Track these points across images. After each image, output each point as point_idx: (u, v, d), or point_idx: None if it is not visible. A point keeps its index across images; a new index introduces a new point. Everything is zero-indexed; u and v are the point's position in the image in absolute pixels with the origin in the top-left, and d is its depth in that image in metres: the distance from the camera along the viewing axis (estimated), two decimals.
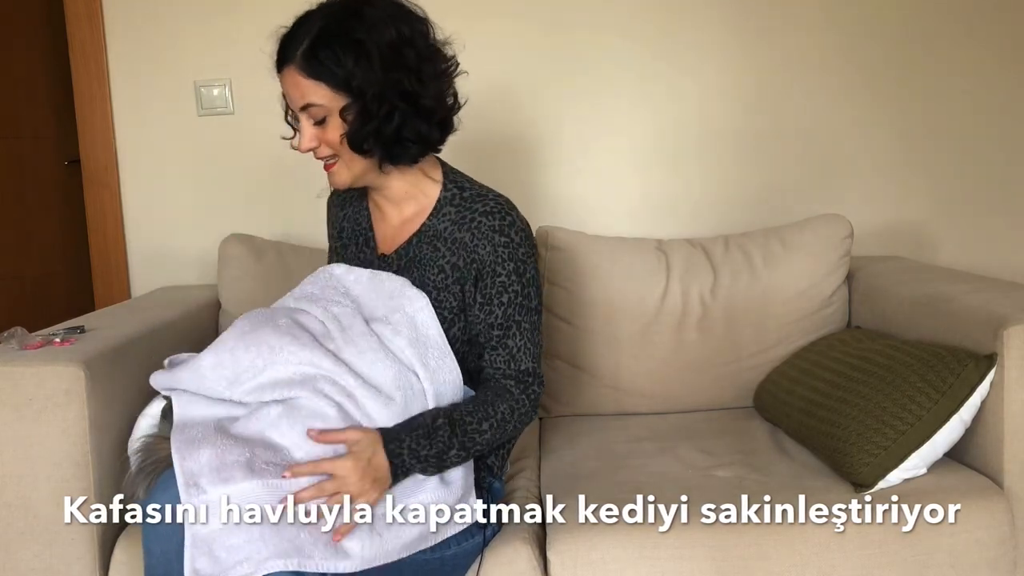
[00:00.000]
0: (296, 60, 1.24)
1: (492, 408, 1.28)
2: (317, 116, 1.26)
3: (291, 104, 1.29)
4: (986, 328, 1.44)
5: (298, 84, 1.25)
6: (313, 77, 1.24)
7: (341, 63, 1.23)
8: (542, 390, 1.34)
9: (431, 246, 1.34)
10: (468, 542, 1.30)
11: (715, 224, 2.20)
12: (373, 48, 1.23)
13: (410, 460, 1.21)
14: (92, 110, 2.22)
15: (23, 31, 2.88)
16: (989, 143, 2.25)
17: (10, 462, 1.36)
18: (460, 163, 1.44)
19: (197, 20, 2.18)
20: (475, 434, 1.25)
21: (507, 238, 1.30)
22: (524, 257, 1.31)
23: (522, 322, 1.31)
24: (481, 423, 1.26)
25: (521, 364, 1.31)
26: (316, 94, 1.24)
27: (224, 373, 1.24)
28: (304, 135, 1.28)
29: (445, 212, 1.34)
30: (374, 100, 1.24)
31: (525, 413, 1.31)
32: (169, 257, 2.25)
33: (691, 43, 2.20)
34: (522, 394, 1.31)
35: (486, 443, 1.27)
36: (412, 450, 1.21)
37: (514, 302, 1.30)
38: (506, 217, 1.31)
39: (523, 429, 1.35)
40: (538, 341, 1.34)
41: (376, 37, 1.24)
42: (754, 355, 1.90)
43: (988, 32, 2.22)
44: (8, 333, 1.46)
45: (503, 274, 1.30)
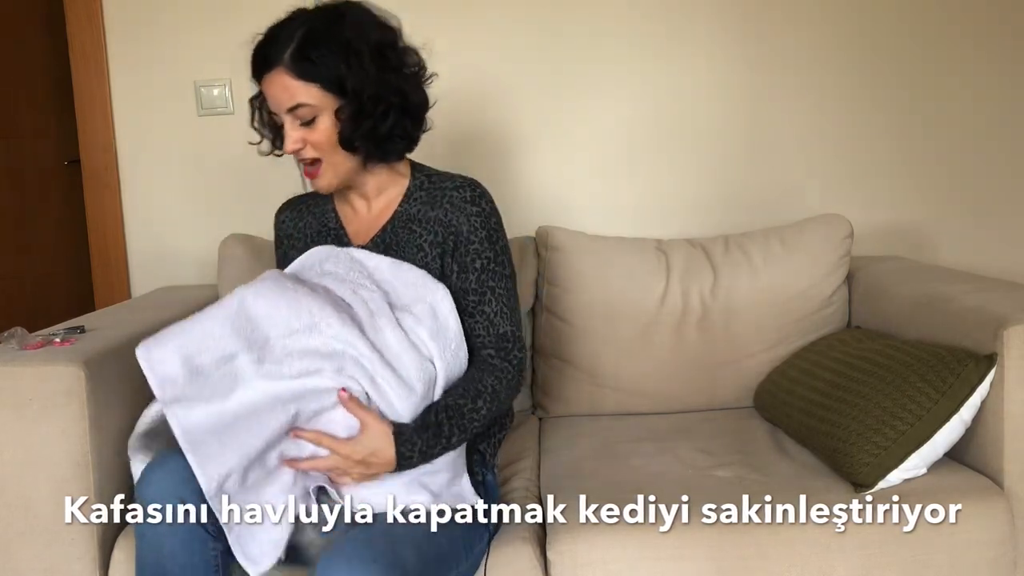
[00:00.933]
0: (284, 62, 1.25)
1: (481, 384, 1.29)
2: (305, 117, 1.27)
3: (276, 106, 1.29)
4: (986, 328, 1.45)
5: (287, 86, 1.26)
6: (304, 78, 1.25)
7: (333, 64, 1.25)
8: (524, 354, 1.36)
9: (407, 229, 1.36)
10: (480, 543, 1.31)
11: (715, 224, 2.20)
12: (362, 48, 1.27)
13: (419, 460, 1.23)
14: (92, 110, 2.22)
15: (23, 31, 2.88)
16: (989, 143, 2.25)
17: (10, 462, 1.36)
18: (458, 163, 1.45)
19: (197, 20, 2.18)
20: (472, 413, 1.27)
21: (479, 207, 1.34)
22: (496, 226, 1.36)
23: (496, 287, 1.34)
24: (475, 401, 1.27)
25: (499, 328, 1.34)
26: (307, 95, 1.26)
27: (276, 321, 1.21)
28: (289, 137, 1.29)
29: (416, 197, 1.38)
30: (370, 100, 1.27)
31: (512, 379, 1.33)
32: (169, 257, 2.25)
33: (691, 42, 2.20)
34: (504, 362, 1.33)
35: (483, 418, 1.29)
36: (422, 452, 1.23)
37: (487, 268, 1.34)
38: (476, 189, 1.36)
39: (515, 395, 1.38)
40: (515, 306, 1.37)
41: (363, 38, 1.28)
42: (754, 355, 1.90)
43: (988, 32, 2.22)
44: (8, 333, 1.46)
45: (476, 241, 1.34)
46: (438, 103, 1.40)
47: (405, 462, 1.21)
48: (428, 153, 1.46)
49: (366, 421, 1.20)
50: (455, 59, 2.17)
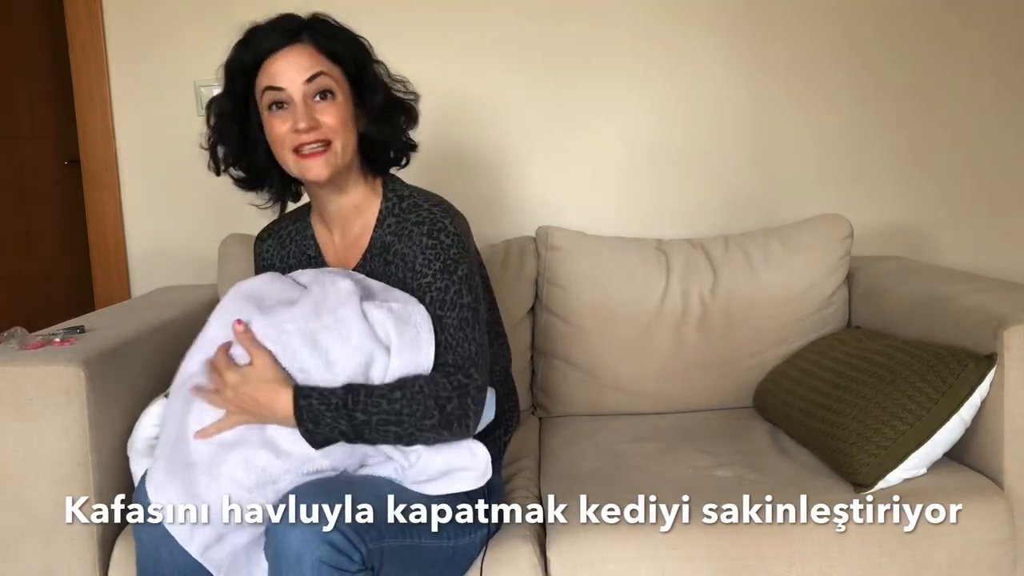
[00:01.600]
0: (305, 39, 1.26)
1: (408, 381, 1.21)
2: (326, 86, 1.26)
3: (290, 80, 1.25)
4: (986, 328, 1.44)
5: (312, 55, 1.25)
6: (330, 53, 1.26)
7: (352, 52, 1.27)
8: (470, 382, 1.22)
9: (382, 259, 1.32)
10: (479, 533, 1.31)
11: (715, 224, 2.20)
12: (366, 59, 1.30)
13: (318, 405, 1.17)
14: (92, 110, 2.22)
15: (23, 31, 2.88)
16: (990, 143, 2.25)
17: (10, 462, 1.36)
18: (460, 163, 1.44)
19: (197, 20, 2.18)
20: (381, 399, 1.18)
21: (435, 240, 1.27)
22: (456, 257, 1.27)
23: (444, 317, 1.25)
24: (393, 391, 1.18)
25: (443, 357, 1.23)
26: (331, 70, 1.26)
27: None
28: (302, 111, 1.25)
29: (388, 224, 1.33)
30: (379, 105, 1.30)
31: (446, 395, 1.20)
32: (169, 257, 2.25)
33: (692, 44, 2.20)
34: (443, 377, 1.21)
35: (399, 413, 1.18)
36: (322, 395, 1.17)
37: (437, 299, 1.25)
38: (436, 223, 1.28)
39: (456, 422, 1.21)
40: (471, 337, 1.25)
41: (365, 50, 1.31)
42: (754, 355, 1.90)
43: (989, 32, 2.22)
44: (8, 333, 1.46)
45: (428, 275, 1.26)
46: (438, 103, 1.40)
47: (303, 400, 1.17)
48: (428, 153, 1.46)
49: (254, 354, 1.20)
50: (457, 58, 2.18)
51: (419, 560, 1.22)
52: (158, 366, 1.62)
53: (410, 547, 1.20)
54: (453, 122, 2.17)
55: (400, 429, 1.18)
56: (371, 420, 1.17)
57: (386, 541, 1.16)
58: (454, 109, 2.17)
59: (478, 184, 2.19)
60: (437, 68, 2.14)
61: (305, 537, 1.08)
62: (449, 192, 1.40)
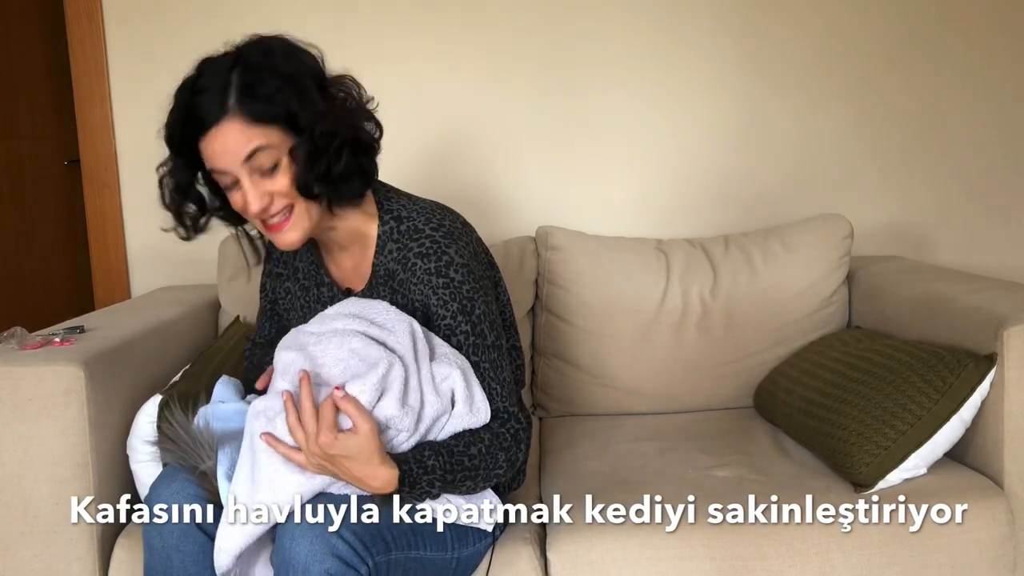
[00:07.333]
0: (232, 109, 1.12)
1: (475, 436, 1.20)
2: (266, 164, 1.14)
3: (227, 163, 1.15)
4: (986, 328, 1.45)
5: (243, 132, 1.13)
6: (260, 121, 1.13)
7: (283, 99, 1.13)
8: (521, 425, 1.25)
9: (388, 287, 1.27)
10: (483, 542, 1.30)
11: (715, 224, 2.20)
12: (306, 82, 1.16)
13: (417, 470, 1.14)
14: (92, 110, 2.22)
15: (23, 31, 2.88)
16: (989, 143, 2.25)
17: (10, 462, 1.36)
18: (459, 162, 1.43)
19: (197, 20, 2.18)
20: (463, 457, 1.17)
21: (446, 279, 1.22)
22: (470, 294, 1.23)
23: (479, 362, 1.23)
24: (469, 448, 1.18)
25: (496, 404, 1.24)
26: (265, 137, 1.14)
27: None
28: (252, 193, 1.15)
29: (389, 250, 1.27)
30: (323, 138, 1.15)
31: (508, 446, 1.22)
32: (169, 257, 2.25)
33: (690, 43, 2.20)
34: (501, 427, 1.23)
35: (476, 468, 1.19)
36: (418, 462, 1.15)
37: (465, 343, 1.23)
38: (442, 257, 1.22)
39: (516, 464, 1.25)
40: (504, 378, 1.25)
41: (302, 71, 1.16)
42: (754, 355, 1.91)
43: (988, 33, 2.22)
44: (8, 333, 1.46)
45: (447, 316, 1.23)
46: (439, 103, 1.38)
47: (402, 481, 1.13)
48: (429, 153, 1.45)
49: (358, 422, 1.10)
50: (456, 58, 2.18)
51: (424, 572, 1.22)
52: (158, 366, 1.63)
53: (415, 559, 1.20)
54: (454, 122, 2.17)
55: (473, 484, 1.21)
56: (455, 479, 1.18)
57: (393, 554, 1.16)
58: (455, 109, 2.17)
59: (478, 184, 2.19)
60: (438, 69, 2.14)
61: (313, 549, 1.08)
62: (449, 192, 1.39)
